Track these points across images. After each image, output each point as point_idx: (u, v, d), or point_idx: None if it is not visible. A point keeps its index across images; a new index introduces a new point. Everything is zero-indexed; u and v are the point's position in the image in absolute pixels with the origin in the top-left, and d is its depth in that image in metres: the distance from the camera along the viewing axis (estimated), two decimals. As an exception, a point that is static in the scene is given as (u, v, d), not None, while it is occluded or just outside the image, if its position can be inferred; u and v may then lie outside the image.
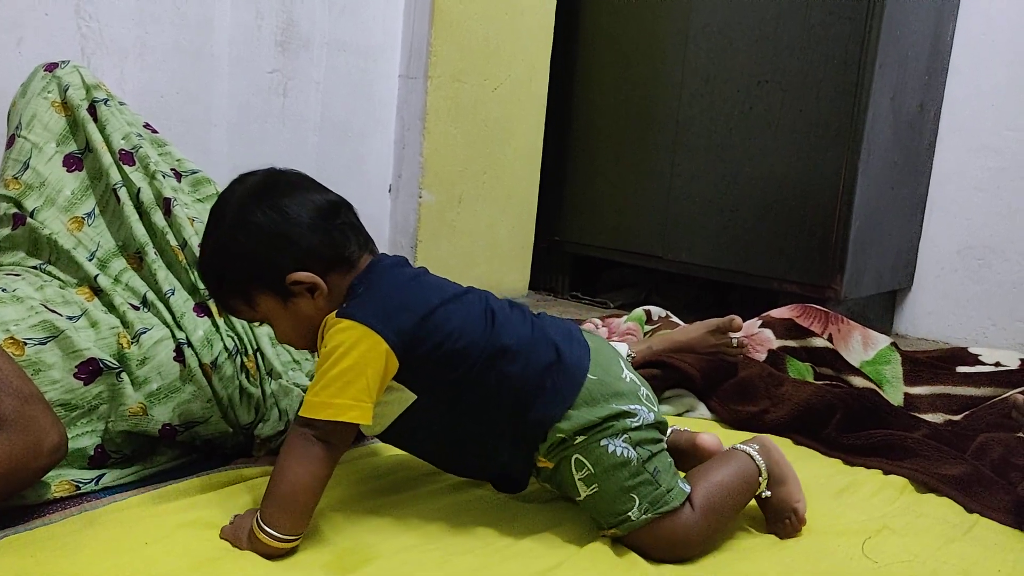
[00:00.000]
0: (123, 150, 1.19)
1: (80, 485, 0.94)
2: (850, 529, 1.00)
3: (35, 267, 1.10)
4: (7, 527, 0.83)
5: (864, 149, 2.08)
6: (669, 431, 1.00)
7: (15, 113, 1.20)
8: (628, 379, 0.92)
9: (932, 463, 1.20)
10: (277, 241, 0.85)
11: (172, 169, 1.26)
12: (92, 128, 1.19)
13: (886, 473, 1.20)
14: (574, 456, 0.88)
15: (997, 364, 1.57)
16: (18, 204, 1.13)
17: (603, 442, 0.87)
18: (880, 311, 2.50)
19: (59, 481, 0.92)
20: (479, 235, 2.45)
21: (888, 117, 2.16)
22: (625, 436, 0.87)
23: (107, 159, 1.18)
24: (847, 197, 2.10)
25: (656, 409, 0.93)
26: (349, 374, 0.80)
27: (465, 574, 0.81)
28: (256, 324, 1.15)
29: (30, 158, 1.15)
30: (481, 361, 0.86)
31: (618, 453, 0.87)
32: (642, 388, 0.93)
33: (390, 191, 2.33)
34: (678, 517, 0.88)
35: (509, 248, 2.57)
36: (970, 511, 1.10)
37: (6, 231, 1.13)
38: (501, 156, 2.46)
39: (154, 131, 1.29)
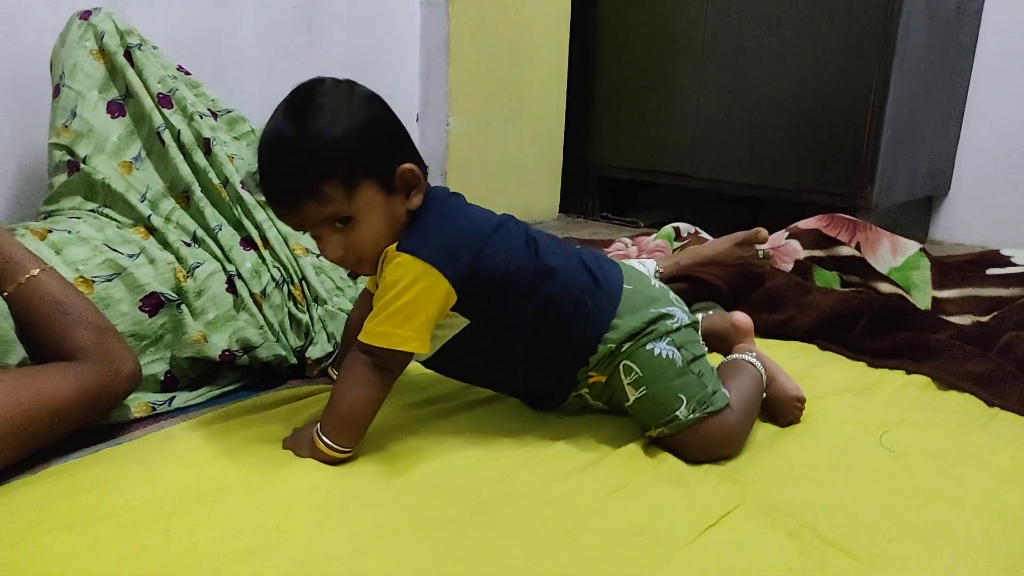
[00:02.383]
0: (161, 93, 1.25)
1: (155, 406, 1.03)
2: (870, 423, 1.05)
3: (92, 211, 1.18)
4: (98, 443, 0.93)
5: (897, 55, 2.04)
6: (701, 317, 1.09)
7: (57, 62, 1.25)
8: (657, 286, 1.00)
9: (955, 362, 1.23)
10: (398, 133, 0.88)
11: (208, 109, 1.32)
12: (131, 74, 1.24)
13: (909, 373, 1.24)
14: (622, 363, 0.94)
15: (1028, 264, 1.58)
16: (71, 151, 1.20)
17: (648, 346, 0.93)
18: (915, 218, 2.49)
19: (137, 403, 1.01)
20: (508, 160, 2.48)
21: (923, 19, 2.11)
22: (668, 339, 0.94)
23: (148, 103, 1.23)
24: (879, 105, 2.07)
25: (688, 311, 0.99)
26: (410, 308, 0.84)
27: (508, 471, 0.89)
28: (298, 252, 1.22)
29: (76, 106, 1.21)
30: (528, 284, 0.91)
31: (664, 355, 0.93)
32: (671, 293, 1.00)
33: (417, 120, 2.36)
34: (723, 418, 0.93)
35: (538, 172, 2.59)
36: (991, 405, 1.13)
37: (63, 177, 1.20)
38: (526, 80, 2.46)
39: (187, 73, 1.34)
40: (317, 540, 0.75)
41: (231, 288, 1.14)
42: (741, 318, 1.12)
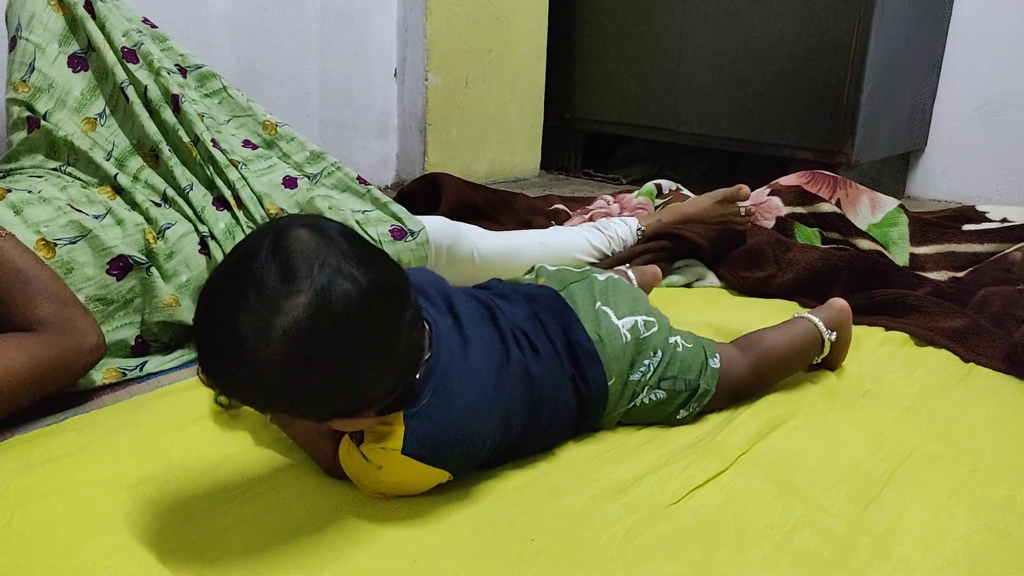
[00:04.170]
0: (125, 47, 1.20)
1: (126, 372, 1.00)
2: (851, 380, 1.06)
3: (55, 169, 1.14)
4: (64, 410, 0.90)
5: (879, 5, 2.01)
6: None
7: (12, 14, 1.20)
8: (625, 333, 0.89)
9: (932, 318, 1.24)
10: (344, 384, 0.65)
11: (176, 65, 1.27)
12: (92, 26, 1.19)
13: (888, 330, 1.24)
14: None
15: (1004, 220, 1.58)
16: (30, 107, 1.15)
17: (632, 404, 0.90)
18: (893, 173, 2.49)
19: (106, 369, 0.99)
20: (488, 116, 2.44)
21: (905, -31, 2.08)
22: (647, 388, 0.90)
23: (111, 57, 1.18)
24: (859, 57, 2.05)
25: (646, 316, 0.92)
26: (403, 485, 0.75)
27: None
28: (273, 211, 1.19)
29: (35, 60, 1.16)
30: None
31: (648, 401, 0.90)
32: (636, 318, 0.91)
33: (396, 76, 2.30)
34: (724, 383, 0.93)
35: (519, 128, 2.55)
36: (966, 360, 1.15)
37: (22, 134, 1.16)
38: (506, 34, 2.40)
39: (153, 26, 1.29)
40: (299, 509, 0.74)
41: (204, 250, 1.11)
42: (840, 303, 1.07)
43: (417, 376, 0.70)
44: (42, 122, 1.14)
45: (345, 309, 0.60)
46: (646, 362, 0.89)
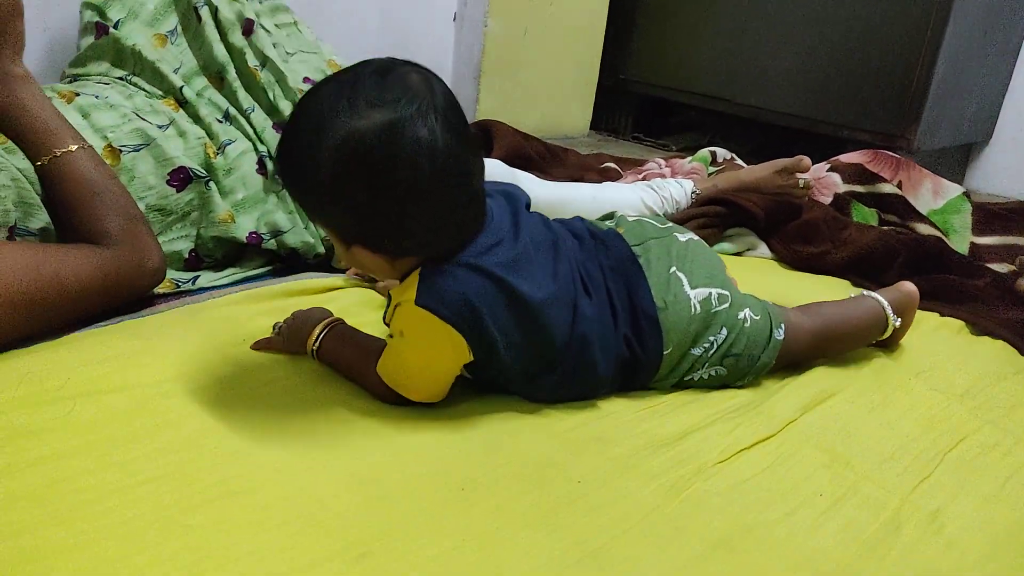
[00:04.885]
0: None
1: (179, 284, 1.01)
2: (904, 362, 1.03)
3: (121, 78, 1.13)
4: (121, 315, 0.91)
5: (961, -12, 1.94)
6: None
7: None
8: (696, 305, 0.85)
9: (991, 308, 1.21)
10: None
11: None
12: None
13: (943, 315, 1.21)
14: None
15: (1071, 218, 1.53)
16: (101, 13, 1.14)
17: (690, 377, 0.88)
18: (953, 164, 2.42)
19: (160, 279, 0.99)
20: (543, 69, 2.40)
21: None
22: (708, 364, 0.87)
23: None
24: (934, 41, 1.97)
25: (721, 289, 0.88)
26: (426, 355, 0.76)
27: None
28: None
29: None
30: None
31: (708, 377, 0.88)
32: (710, 290, 0.87)
33: (455, 19, 2.27)
34: (784, 352, 0.90)
35: (572, 84, 2.51)
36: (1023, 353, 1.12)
37: (90, 39, 1.15)
38: (569, -15, 2.35)
39: None
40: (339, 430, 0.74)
41: (262, 169, 1.10)
42: (909, 288, 1.03)
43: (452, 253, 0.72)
44: (111, 30, 1.13)
45: (401, 151, 0.65)
46: (711, 338, 0.86)
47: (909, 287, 1.03)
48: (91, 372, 0.76)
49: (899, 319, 0.99)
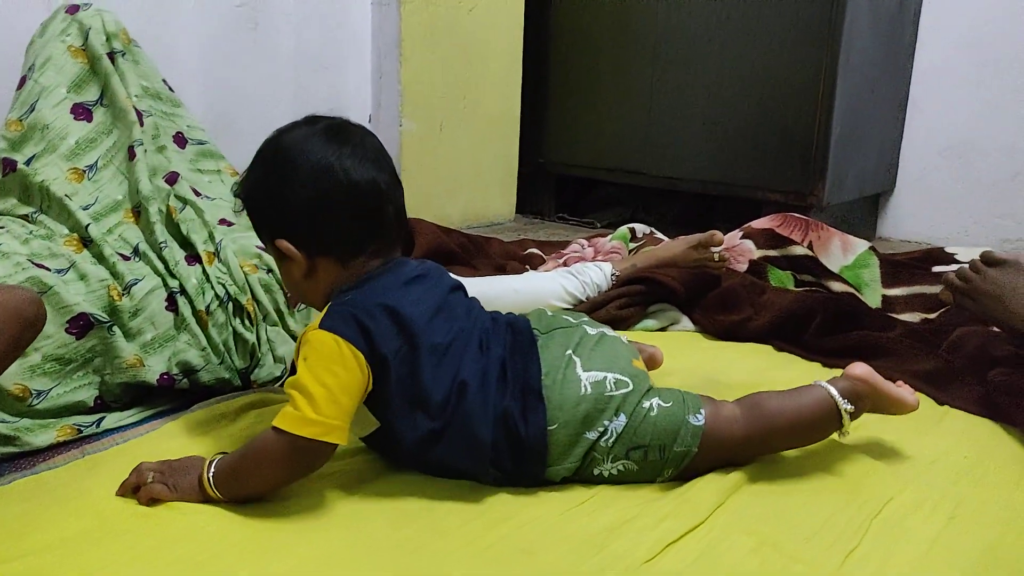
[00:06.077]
0: (136, 109, 1.19)
1: (82, 429, 0.97)
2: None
3: (27, 215, 1.11)
4: (13, 472, 0.86)
5: (843, 50, 2.06)
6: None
7: (31, 53, 1.19)
8: (587, 386, 0.86)
9: (905, 360, 1.24)
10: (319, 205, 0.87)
11: (178, 133, 1.26)
12: (116, 81, 1.19)
13: (862, 372, 1.24)
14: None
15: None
16: (13, 146, 1.13)
17: (595, 472, 0.87)
18: (863, 215, 2.53)
19: (61, 426, 0.96)
20: (463, 161, 2.45)
21: (867, 16, 2.14)
22: (611, 457, 0.86)
23: (132, 116, 1.17)
24: (827, 100, 2.09)
25: (619, 375, 0.88)
26: (327, 372, 0.81)
27: (456, 490, 0.86)
28: (246, 268, 1.17)
29: (37, 100, 1.15)
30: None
31: (617, 472, 0.87)
32: (607, 374, 0.87)
33: (370, 121, 2.31)
34: (710, 443, 0.87)
35: (493, 173, 2.56)
36: (940, 403, 1.15)
37: (-3, 175, 1.13)
38: (480, 80, 2.43)
39: (171, 88, 1.29)
40: (259, 571, 0.71)
41: (172, 306, 1.07)
42: (860, 370, 0.94)
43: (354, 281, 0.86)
44: (19, 166, 1.11)
45: (316, 171, 0.85)
46: (606, 423, 0.85)
47: (859, 369, 0.93)
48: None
49: (849, 403, 0.90)
